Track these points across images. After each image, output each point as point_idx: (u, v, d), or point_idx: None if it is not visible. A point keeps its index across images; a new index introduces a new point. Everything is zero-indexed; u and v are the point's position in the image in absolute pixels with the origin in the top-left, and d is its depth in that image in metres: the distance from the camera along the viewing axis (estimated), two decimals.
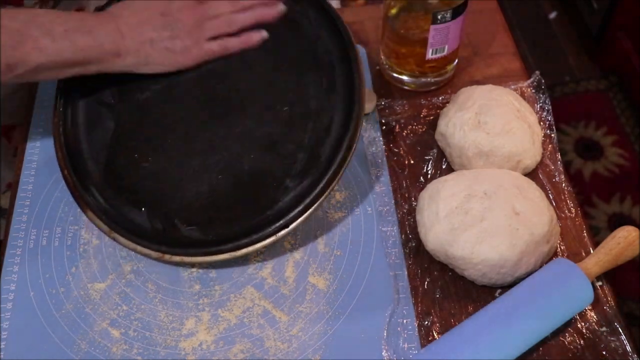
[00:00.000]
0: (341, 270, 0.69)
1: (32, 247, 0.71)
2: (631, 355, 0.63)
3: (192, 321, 0.66)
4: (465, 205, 0.66)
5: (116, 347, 0.65)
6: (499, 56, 0.88)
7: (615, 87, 1.91)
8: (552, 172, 0.76)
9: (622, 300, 1.19)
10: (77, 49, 0.66)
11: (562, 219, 0.72)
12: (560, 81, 1.93)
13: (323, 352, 0.64)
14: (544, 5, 2.16)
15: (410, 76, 0.83)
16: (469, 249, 0.65)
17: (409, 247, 0.70)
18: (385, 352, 0.63)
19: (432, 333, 0.64)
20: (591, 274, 0.64)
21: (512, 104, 0.75)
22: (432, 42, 0.78)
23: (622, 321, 0.65)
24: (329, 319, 0.66)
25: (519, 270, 0.65)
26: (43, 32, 0.64)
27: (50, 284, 0.69)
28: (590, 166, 1.74)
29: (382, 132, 0.80)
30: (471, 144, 0.73)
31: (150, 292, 0.68)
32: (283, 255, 0.70)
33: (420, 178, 0.76)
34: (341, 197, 0.75)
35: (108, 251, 0.71)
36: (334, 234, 0.72)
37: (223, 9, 0.72)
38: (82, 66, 0.68)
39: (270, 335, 0.65)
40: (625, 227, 0.67)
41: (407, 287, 0.67)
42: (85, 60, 0.67)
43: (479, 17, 0.91)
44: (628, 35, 1.81)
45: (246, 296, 0.68)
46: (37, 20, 0.65)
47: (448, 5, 0.75)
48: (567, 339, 0.64)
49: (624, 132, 1.81)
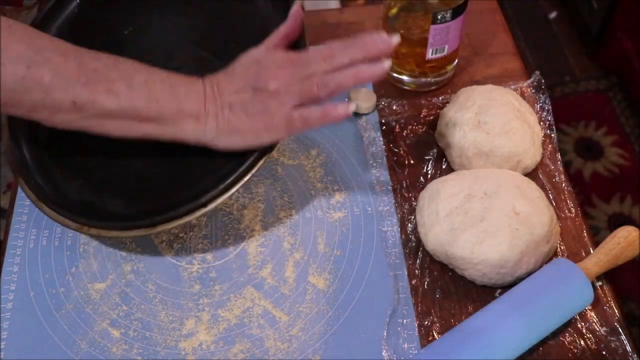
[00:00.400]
0: (341, 270, 0.69)
1: (32, 247, 0.71)
2: (631, 355, 0.63)
3: (192, 321, 0.66)
4: (465, 205, 0.66)
5: (116, 347, 0.65)
6: (499, 56, 0.88)
7: (615, 87, 1.91)
8: (552, 172, 0.76)
9: (622, 300, 1.19)
10: (152, 102, 0.60)
11: (562, 219, 0.72)
12: (560, 81, 1.93)
13: (323, 352, 0.64)
14: (544, 5, 2.16)
15: (410, 76, 0.83)
16: (469, 249, 0.65)
17: (409, 247, 0.70)
18: (385, 352, 0.63)
19: (432, 333, 0.64)
20: (591, 274, 0.64)
21: (512, 104, 0.75)
22: (432, 42, 0.78)
23: (622, 321, 0.65)
24: (329, 319, 0.66)
25: (519, 270, 0.65)
26: (121, 76, 0.59)
27: (50, 284, 0.69)
28: (590, 166, 1.74)
29: (382, 132, 0.80)
30: (471, 144, 0.73)
31: (150, 292, 0.68)
32: (283, 255, 0.70)
33: (420, 178, 0.76)
34: (341, 197, 0.75)
35: (108, 251, 0.71)
36: (334, 234, 0.72)
37: (318, 67, 0.61)
38: (158, 125, 0.61)
39: (270, 335, 0.65)
40: (625, 227, 0.67)
41: (407, 287, 0.67)
42: (160, 117, 0.61)
43: (479, 17, 0.91)
44: (628, 35, 1.81)
45: (246, 296, 0.68)
46: (119, 66, 0.60)
47: (448, 5, 0.75)
48: (567, 339, 0.64)
49: (624, 132, 1.81)
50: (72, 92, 0.57)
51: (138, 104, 0.60)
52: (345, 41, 0.62)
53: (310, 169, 0.77)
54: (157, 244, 0.72)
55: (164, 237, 0.72)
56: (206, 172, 0.66)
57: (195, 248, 0.71)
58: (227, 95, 0.62)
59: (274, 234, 0.72)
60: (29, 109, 0.58)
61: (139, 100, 0.60)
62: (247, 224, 0.73)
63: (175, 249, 0.71)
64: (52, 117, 0.59)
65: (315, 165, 0.77)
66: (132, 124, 0.61)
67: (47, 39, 0.59)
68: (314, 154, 0.78)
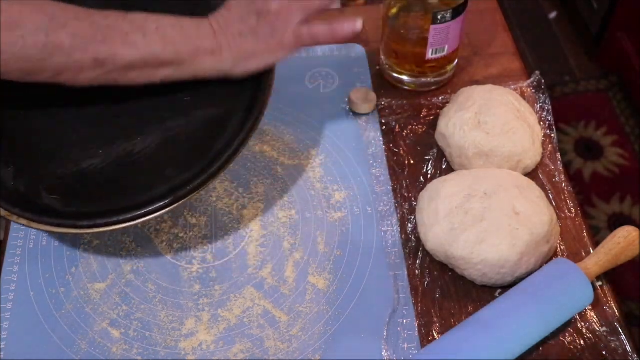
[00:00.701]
0: (341, 270, 0.69)
1: (32, 247, 0.71)
2: (631, 355, 0.63)
3: (192, 321, 0.66)
4: (465, 205, 0.67)
5: (116, 347, 0.65)
6: (499, 56, 0.89)
7: (615, 87, 1.91)
8: (552, 172, 0.76)
9: (622, 300, 1.19)
10: (168, 46, 0.63)
11: (562, 219, 0.72)
12: (560, 81, 1.93)
13: (323, 352, 0.64)
14: (544, 5, 2.16)
15: (410, 76, 0.83)
16: (469, 249, 0.65)
17: (409, 247, 0.70)
18: (385, 352, 0.63)
19: (432, 333, 0.64)
20: (591, 274, 0.64)
21: (512, 104, 0.75)
22: (432, 42, 0.78)
23: (622, 321, 0.65)
24: (329, 319, 0.66)
25: (519, 270, 0.65)
26: (134, 27, 0.62)
27: (50, 284, 0.69)
28: (590, 166, 1.74)
29: (382, 132, 0.80)
30: (471, 144, 0.73)
31: (150, 292, 0.68)
32: (283, 255, 0.70)
33: (420, 178, 0.76)
34: (341, 197, 0.75)
35: (108, 251, 0.71)
36: (334, 234, 0.72)
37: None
38: (176, 66, 0.64)
39: (270, 335, 0.65)
40: (625, 227, 0.67)
41: (407, 287, 0.67)
42: (178, 59, 0.64)
43: (479, 17, 0.91)
44: (628, 35, 1.81)
45: (246, 296, 0.68)
46: (129, 18, 0.62)
47: (448, 5, 0.75)
48: (567, 339, 0.64)
49: (624, 132, 1.81)
50: (92, 50, 0.60)
51: (156, 50, 0.62)
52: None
53: (310, 169, 0.77)
54: (157, 244, 0.72)
55: (164, 237, 0.72)
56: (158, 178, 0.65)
57: (195, 248, 0.71)
58: (234, 26, 0.65)
59: (274, 234, 0.72)
60: (54, 73, 0.60)
61: (156, 46, 0.62)
62: (247, 224, 0.73)
63: (175, 249, 0.71)
64: (77, 76, 0.61)
65: (315, 165, 0.77)
66: (152, 70, 0.63)
67: (56, 5, 0.60)
68: (314, 154, 0.78)
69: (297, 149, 0.79)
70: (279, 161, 0.78)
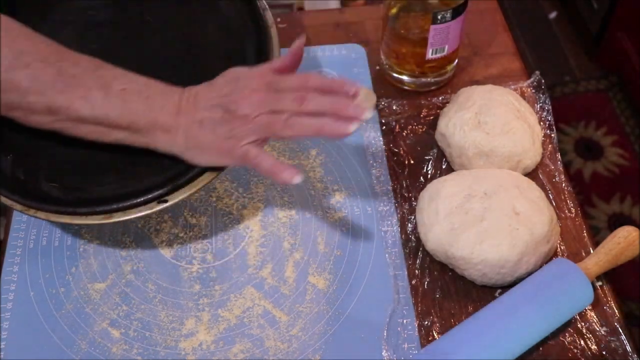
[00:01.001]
0: (341, 270, 0.69)
1: (32, 247, 0.71)
2: (631, 355, 0.63)
3: (192, 321, 0.66)
4: (465, 205, 0.67)
5: (116, 347, 0.65)
6: (499, 56, 0.89)
7: (615, 87, 1.91)
8: (552, 172, 0.76)
9: (622, 300, 1.19)
10: (125, 112, 0.60)
11: (562, 219, 0.72)
12: (560, 81, 1.93)
13: (323, 352, 0.64)
14: (544, 5, 2.16)
15: (410, 76, 0.83)
16: (469, 249, 0.65)
17: (409, 247, 0.70)
18: (385, 352, 0.63)
19: (432, 333, 0.64)
20: (591, 274, 0.64)
21: (512, 104, 0.75)
22: (432, 42, 0.78)
23: (622, 321, 0.65)
24: (329, 319, 0.66)
25: (519, 270, 0.65)
26: (99, 84, 0.60)
27: (50, 284, 0.69)
28: (590, 166, 1.74)
29: (382, 132, 0.80)
30: (471, 144, 0.73)
31: (150, 292, 0.68)
32: (283, 255, 0.70)
33: (420, 178, 0.76)
34: (341, 197, 0.75)
35: (108, 251, 0.71)
36: (334, 234, 0.72)
37: (289, 106, 0.60)
38: (130, 133, 0.62)
39: (270, 335, 0.65)
40: (625, 227, 0.67)
41: (407, 287, 0.67)
42: (134, 127, 0.61)
43: (479, 17, 0.91)
44: (628, 35, 1.81)
45: (246, 296, 0.68)
46: (98, 72, 0.61)
47: (448, 5, 0.75)
48: (567, 339, 0.64)
49: (624, 132, 1.81)
50: (48, 97, 0.59)
51: (112, 114, 0.60)
52: (323, 81, 0.62)
53: (310, 169, 0.77)
54: (157, 244, 0.72)
55: (164, 237, 0.72)
56: (152, 171, 0.65)
57: (195, 248, 0.71)
58: (200, 111, 0.62)
59: (274, 234, 0.72)
60: (5, 108, 0.60)
61: (113, 110, 0.60)
62: (247, 224, 0.73)
63: (175, 249, 0.71)
64: (26, 117, 0.61)
65: (315, 165, 0.77)
66: (105, 130, 0.62)
67: (30, 39, 0.60)
68: (314, 154, 0.78)
69: (297, 149, 0.79)
70: None
